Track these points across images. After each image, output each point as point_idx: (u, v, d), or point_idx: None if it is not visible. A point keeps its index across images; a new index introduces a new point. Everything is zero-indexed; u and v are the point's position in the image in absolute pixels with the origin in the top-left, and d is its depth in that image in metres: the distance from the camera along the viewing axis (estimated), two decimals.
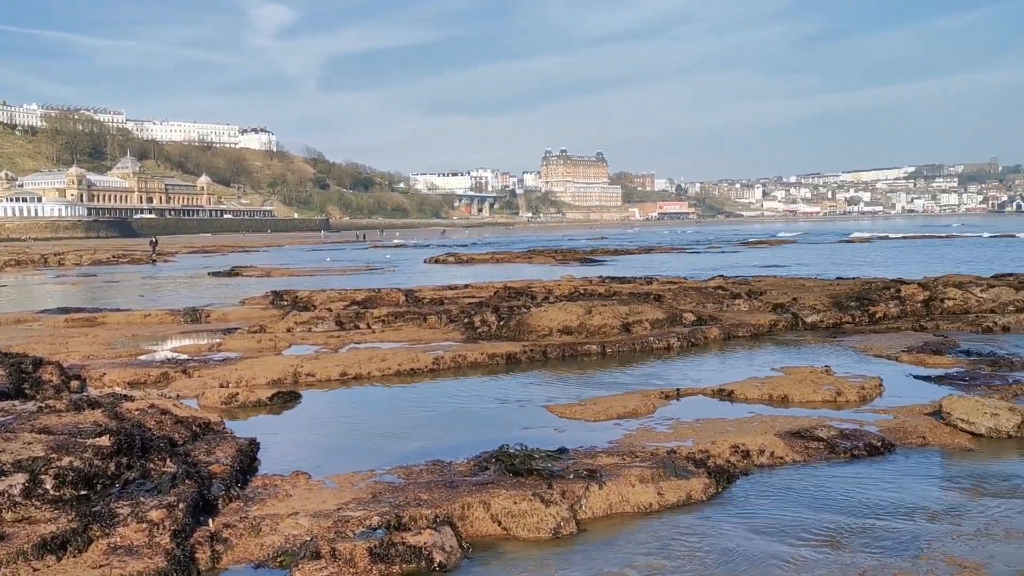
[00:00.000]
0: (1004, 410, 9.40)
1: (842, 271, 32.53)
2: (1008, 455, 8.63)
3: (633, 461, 7.69)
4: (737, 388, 11.47)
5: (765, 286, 22.38)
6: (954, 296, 19.37)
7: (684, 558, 6.02)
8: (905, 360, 14.01)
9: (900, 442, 8.98)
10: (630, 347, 15.29)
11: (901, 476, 7.95)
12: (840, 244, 69.84)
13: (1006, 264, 35.15)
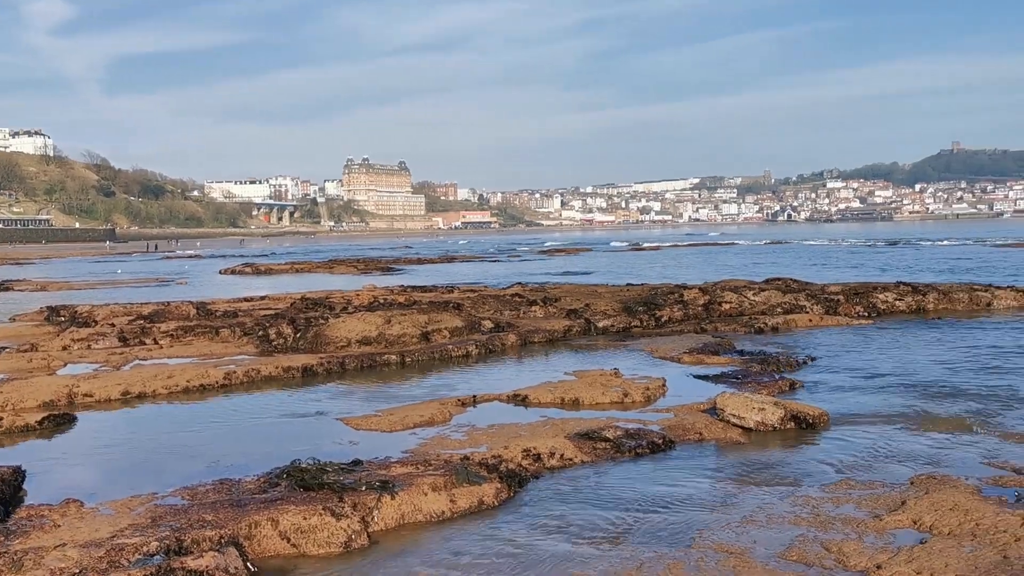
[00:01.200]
0: (770, 405, 10.19)
1: (632, 278, 34.14)
2: (773, 446, 9.36)
3: (427, 470, 7.73)
4: (531, 393, 11.78)
5: (560, 293, 23.13)
6: (730, 300, 20.81)
7: (474, 564, 6.12)
8: (687, 361, 14.89)
9: (680, 439, 9.53)
10: (429, 356, 15.37)
11: (679, 471, 8.44)
12: (632, 252, 73.28)
13: (780, 269, 38.07)
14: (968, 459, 8.59)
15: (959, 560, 5.76)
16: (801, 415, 10.10)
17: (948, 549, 5.96)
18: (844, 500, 7.22)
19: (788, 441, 9.55)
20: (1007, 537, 6.13)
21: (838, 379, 13.11)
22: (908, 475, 7.95)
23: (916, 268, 40.15)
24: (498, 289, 25.94)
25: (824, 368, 14.07)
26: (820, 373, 13.63)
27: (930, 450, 8.99)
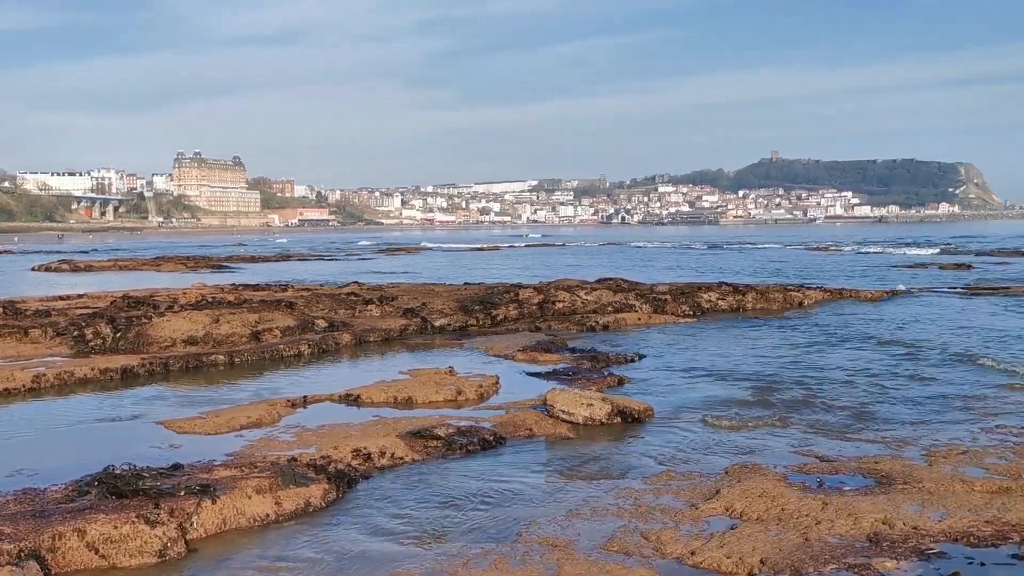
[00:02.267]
0: (598, 400, 10.48)
1: (470, 277, 34.35)
2: (600, 440, 9.63)
3: (252, 472, 7.48)
4: (364, 392, 11.63)
5: (398, 291, 22.98)
6: (564, 299, 21.28)
7: (296, 567, 5.97)
8: (521, 359, 15.11)
9: (510, 435, 9.66)
10: (259, 356, 14.92)
11: (509, 467, 8.55)
12: (471, 251, 73.74)
13: (613, 269, 39.22)
14: (779, 449, 9.13)
15: (765, 543, 6.11)
16: (627, 410, 10.45)
17: (756, 533, 6.31)
18: (664, 491, 7.51)
19: (615, 435, 9.85)
20: (808, 520, 6.54)
21: (664, 375, 13.64)
22: (724, 465, 8.36)
23: (738, 270, 42.36)
24: (334, 287, 25.49)
25: (651, 364, 14.61)
26: (647, 369, 14.14)
27: (746, 441, 9.49)
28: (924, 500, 6.99)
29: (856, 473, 7.95)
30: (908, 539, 6.16)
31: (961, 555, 5.93)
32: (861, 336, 17.63)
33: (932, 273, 37.02)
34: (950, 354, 15.10)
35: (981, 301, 24.45)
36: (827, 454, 8.76)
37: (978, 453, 8.44)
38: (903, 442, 9.17)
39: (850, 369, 13.86)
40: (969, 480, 7.53)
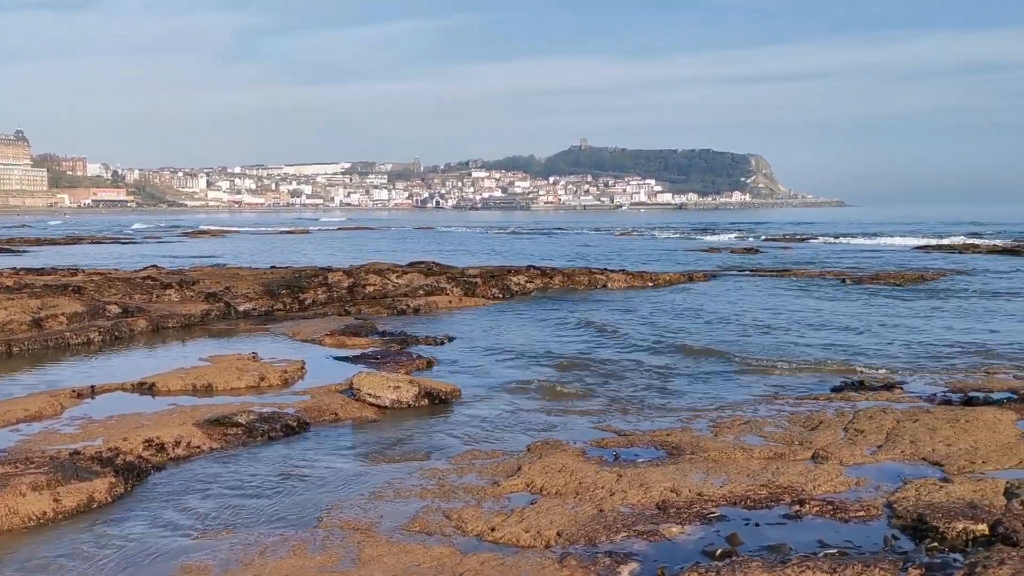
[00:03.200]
0: (405, 383, 10.46)
1: (278, 260, 33.39)
2: (407, 422, 9.62)
3: (28, 468, 6.94)
4: (160, 380, 11.06)
5: (199, 275, 21.99)
6: (374, 282, 21.09)
7: (73, 567, 5.60)
8: (328, 343, 14.85)
9: (315, 420, 9.48)
10: (42, 344, 13.88)
11: (313, 452, 8.39)
12: (282, 235, 71.69)
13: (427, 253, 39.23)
14: (579, 424, 9.44)
15: (562, 516, 6.31)
16: (435, 391, 10.49)
17: (554, 507, 6.50)
18: (468, 470, 7.60)
19: (422, 417, 9.86)
20: (604, 492, 6.81)
21: (472, 356, 13.81)
22: (527, 443, 8.55)
23: (548, 254, 43.46)
24: (129, 272, 24.06)
25: (460, 346, 14.75)
26: (456, 351, 14.26)
27: (550, 418, 9.76)
28: (709, 468, 7.43)
29: (649, 446, 8.35)
30: (693, 505, 6.53)
31: (739, 517, 6.35)
32: (659, 315, 18.52)
33: (724, 257, 39.40)
34: (740, 330, 16.13)
35: (767, 282, 26.27)
36: (624, 428, 9.15)
37: (758, 423, 9.06)
38: (693, 415, 9.71)
39: (649, 347, 14.53)
40: (749, 448, 8.07)
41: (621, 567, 5.40)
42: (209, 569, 5.48)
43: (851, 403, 10.00)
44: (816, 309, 19.63)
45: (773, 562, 5.29)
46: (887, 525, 6.17)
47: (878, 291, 23.41)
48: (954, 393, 10.56)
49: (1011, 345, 14.24)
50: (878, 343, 14.68)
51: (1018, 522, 5.89)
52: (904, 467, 7.49)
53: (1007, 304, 20.13)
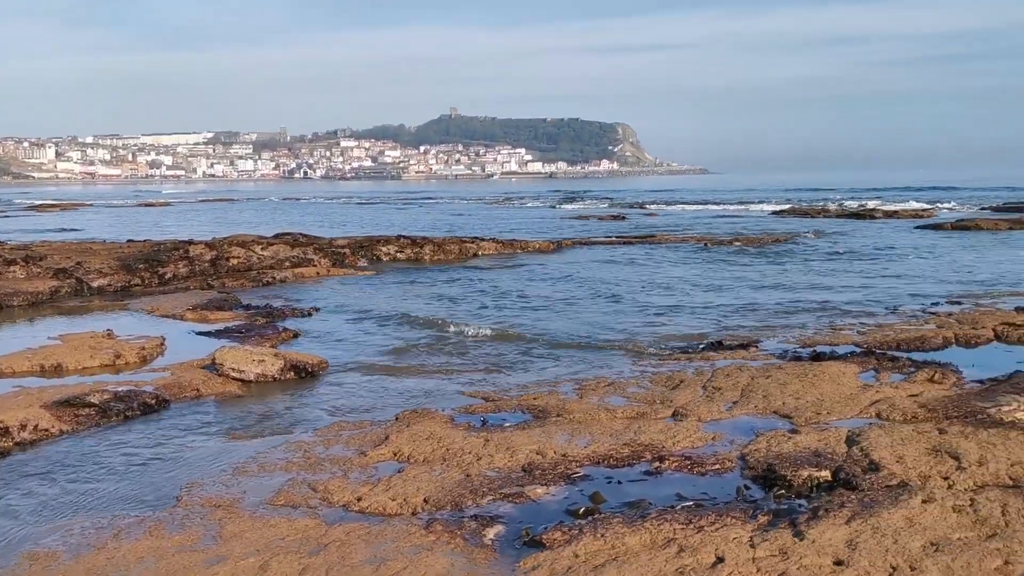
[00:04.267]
0: (270, 356, 10.23)
1: (135, 234, 31.95)
2: (273, 396, 9.42)
3: None
4: (3, 362, 10.45)
5: (47, 250, 20.80)
6: (238, 255, 20.47)
7: None
8: (190, 318, 14.35)
9: (176, 397, 9.16)
10: None
11: (172, 430, 8.11)
12: (139, 207, 68.61)
13: (295, 225, 38.32)
14: (448, 392, 9.47)
15: (429, 483, 6.33)
16: (301, 364, 10.30)
17: (421, 474, 6.51)
18: (335, 441, 7.51)
19: (288, 390, 9.68)
20: (471, 458, 6.86)
21: (340, 327, 13.62)
22: (396, 412, 8.51)
23: (420, 224, 43.17)
24: None
25: (328, 318, 14.52)
26: (324, 323, 14.04)
27: (418, 386, 9.75)
28: (573, 429, 7.60)
29: (517, 410, 8.46)
30: (558, 466, 6.66)
31: (602, 476, 6.53)
32: (529, 282, 18.73)
33: (593, 224, 40.14)
34: (606, 294, 16.50)
35: (633, 248, 26.93)
36: (492, 394, 9.23)
37: (621, 384, 9.31)
38: (560, 378, 9.89)
39: (518, 313, 14.69)
40: (612, 409, 8.29)
41: (487, 530, 5.46)
42: (58, 556, 5.23)
43: (710, 362, 10.40)
44: (680, 273, 20.26)
45: (633, 517, 5.46)
46: (740, 476, 6.46)
47: (737, 254, 24.37)
48: (803, 349, 11.12)
49: (855, 302, 15.09)
50: (737, 304, 15.28)
51: (858, 467, 6.28)
52: (757, 421, 7.85)
53: (854, 264, 21.30)
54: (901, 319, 13.24)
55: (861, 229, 33.57)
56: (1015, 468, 6.07)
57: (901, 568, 4.59)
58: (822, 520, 5.22)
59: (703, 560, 4.84)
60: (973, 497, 5.51)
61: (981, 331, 11.75)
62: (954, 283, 17.47)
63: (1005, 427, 7.05)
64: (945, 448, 6.51)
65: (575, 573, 4.75)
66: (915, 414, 7.68)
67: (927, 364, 9.69)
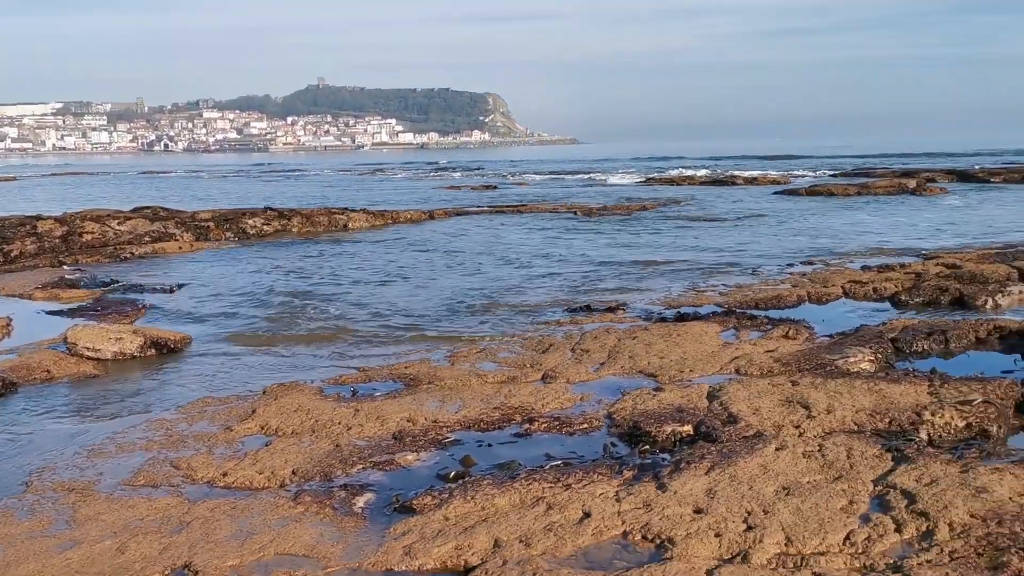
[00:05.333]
0: (128, 333, 9.80)
1: None
2: (132, 375, 9.04)
3: None
4: None
5: None
6: (93, 230, 19.49)
7: None
8: (40, 297, 13.59)
9: (24, 380, 8.66)
10: None
11: (21, 414, 7.69)
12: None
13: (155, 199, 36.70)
14: (317, 363, 9.32)
15: (298, 455, 6.22)
16: (162, 340, 9.92)
17: (289, 447, 6.39)
18: (199, 418, 7.28)
19: (149, 368, 9.31)
20: (340, 428, 6.78)
21: (205, 303, 13.17)
22: (263, 386, 8.31)
23: (289, 196, 42.12)
24: None
25: (191, 293, 14.02)
26: (186, 298, 13.54)
27: (286, 359, 9.55)
28: (444, 396, 7.61)
29: (388, 379, 8.40)
30: (428, 432, 6.66)
31: (473, 440, 6.57)
32: (400, 252, 18.58)
33: (465, 194, 40.12)
34: (475, 264, 16.53)
35: (505, 218, 27.07)
36: (362, 364, 9.13)
37: (493, 350, 9.38)
38: (431, 347, 9.87)
39: (386, 283, 14.56)
40: (483, 374, 8.34)
41: (356, 498, 5.41)
42: None
43: (579, 326, 10.59)
44: (550, 240, 20.51)
45: (503, 479, 5.52)
46: (607, 434, 6.62)
47: (606, 222, 24.84)
48: (669, 310, 11.46)
49: (719, 265, 15.64)
50: (606, 269, 15.59)
51: (717, 421, 6.53)
52: (623, 381, 8.05)
53: (717, 229, 22.06)
54: (760, 280, 13.81)
55: (724, 195, 34.77)
56: (859, 415, 6.45)
57: (755, 512, 4.81)
58: (683, 472, 5.42)
59: (571, 516, 4.94)
60: (822, 443, 5.83)
61: (831, 289, 12.38)
62: (808, 245, 18.34)
63: (851, 377, 7.47)
64: (797, 399, 6.85)
65: (445, 536, 4.78)
66: (771, 368, 8.05)
67: (782, 321, 10.15)
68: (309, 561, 4.62)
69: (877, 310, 11.28)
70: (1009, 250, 15.44)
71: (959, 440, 6.09)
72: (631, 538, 4.70)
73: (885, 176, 41.16)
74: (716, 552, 4.46)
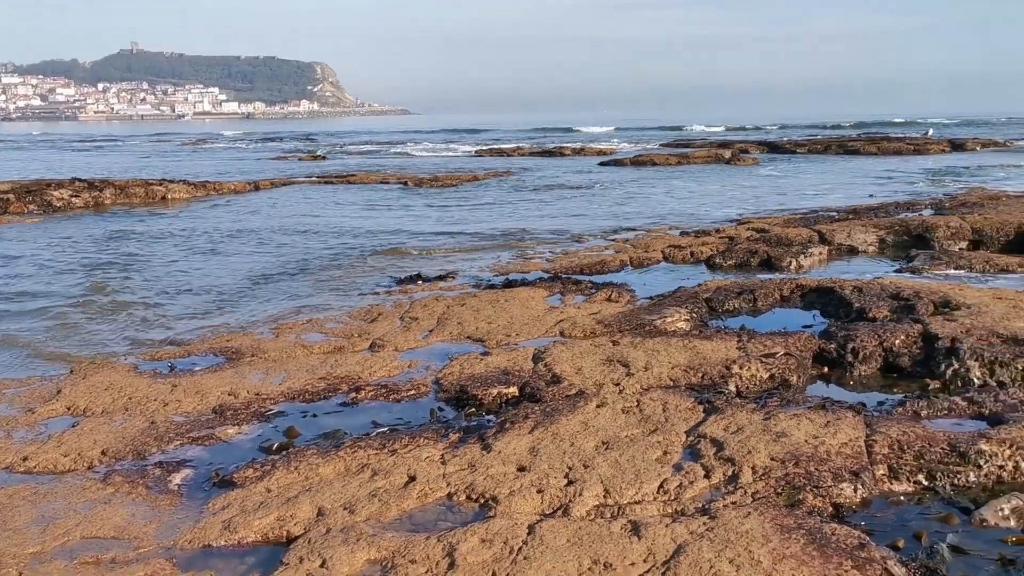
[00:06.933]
0: None
1: None
2: None
3: None
4: None
5: None
6: None
7: None
8: None
9: None
10: None
11: None
12: None
13: None
14: (131, 338, 8.88)
15: (108, 434, 5.89)
16: None
17: (99, 427, 6.04)
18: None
19: None
20: (156, 405, 6.48)
21: (2, 280, 12.23)
22: (69, 365, 7.82)
23: (102, 168, 39.62)
24: None
25: None
26: None
27: (94, 336, 9.04)
28: (268, 368, 7.40)
29: (208, 353, 8.08)
30: (251, 405, 6.47)
31: (298, 411, 6.43)
32: (222, 224, 17.88)
33: (293, 164, 39.02)
34: (301, 234, 16.13)
35: (334, 188, 26.53)
36: (182, 338, 8.75)
37: (319, 321, 9.19)
38: (256, 319, 9.57)
39: (207, 255, 13.99)
40: (309, 345, 8.16)
41: (173, 475, 5.19)
42: None
43: (409, 295, 10.54)
44: (380, 211, 20.28)
45: (328, 448, 5.44)
46: (435, 399, 6.64)
47: (437, 192, 24.81)
48: (497, 277, 11.59)
49: (547, 232, 15.94)
50: (436, 240, 15.58)
51: (542, 381, 6.67)
52: (452, 347, 8.08)
53: (545, 196, 22.45)
54: (585, 246, 14.17)
55: (553, 166, 35.43)
56: (675, 371, 6.75)
57: (576, 468, 4.95)
58: (508, 432, 5.51)
59: (396, 481, 4.93)
60: (640, 399, 6.07)
61: (652, 254, 12.88)
62: (632, 212, 18.97)
63: (668, 336, 7.81)
64: (617, 358, 7.09)
65: (267, 508, 4.66)
66: (593, 330, 8.29)
67: (606, 285, 10.47)
68: (119, 543, 4.39)
69: (694, 273, 11.83)
70: (811, 215, 16.55)
71: (764, 390, 6.49)
72: (456, 499, 4.74)
73: (704, 147, 43.12)
74: (538, 507, 4.57)
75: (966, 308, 7.97)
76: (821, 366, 7.28)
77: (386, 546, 4.17)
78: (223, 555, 4.32)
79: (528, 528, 4.27)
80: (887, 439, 5.13)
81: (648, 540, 4.08)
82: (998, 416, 5.46)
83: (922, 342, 7.22)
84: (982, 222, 13.41)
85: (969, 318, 7.62)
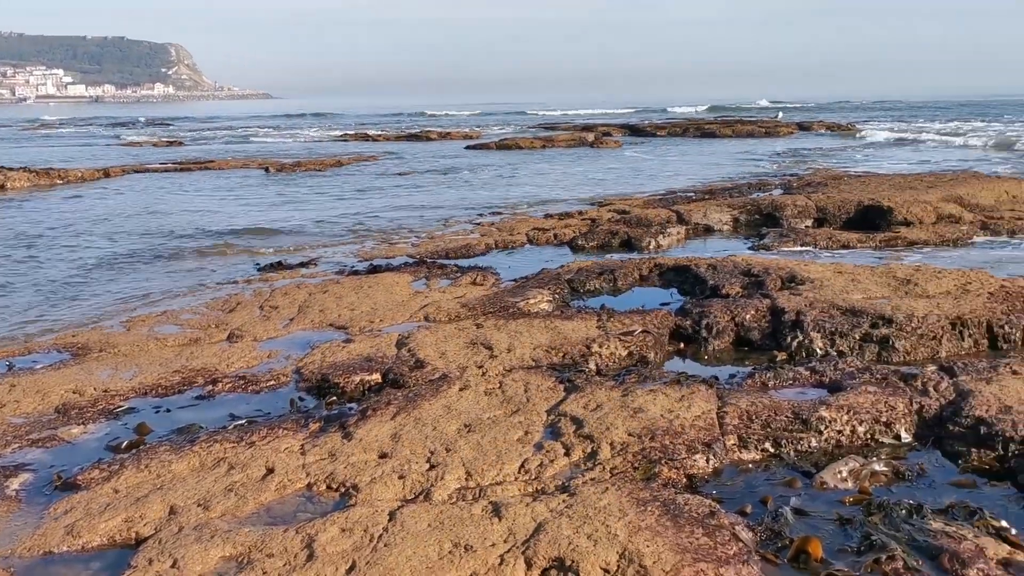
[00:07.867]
0: None
1: None
2: None
3: None
4: None
5: None
6: None
7: None
8: None
9: None
10: None
11: None
12: None
13: None
14: None
15: None
16: None
17: None
18: None
19: None
20: None
21: None
22: None
23: None
24: None
25: None
26: None
27: None
28: (118, 363, 7.06)
29: (52, 349, 7.65)
30: (98, 403, 6.16)
31: (150, 407, 6.16)
32: (73, 214, 16.95)
33: (147, 151, 37.37)
34: (149, 219, 15.48)
35: (191, 175, 25.55)
36: (22, 335, 8.26)
37: (175, 312, 8.84)
38: (104, 313, 9.13)
39: (51, 246, 13.24)
40: (163, 337, 7.84)
41: (10, 480, 4.88)
42: None
43: (269, 283, 10.27)
44: (238, 197, 19.67)
45: (181, 443, 5.24)
46: (295, 389, 6.49)
47: (300, 178, 24.25)
48: (362, 263, 11.44)
49: (414, 217, 15.83)
50: (296, 227, 15.23)
51: (405, 367, 6.62)
52: (313, 335, 7.92)
53: (412, 181, 22.28)
54: (451, 230, 14.15)
55: (419, 150, 35.21)
56: (537, 351, 6.83)
57: (438, 452, 4.94)
58: (370, 419, 5.44)
59: (253, 474, 4.80)
60: (502, 380, 6.10)
61: (517, 237, 12.98)
62: (497, 195, 19.06)
63: (530, 317, 7.89)
64: (481, 340, 7.12)
65: (115, 509, 4.44)
66: (458, 313, 8.29)
67: (471, 269, 10.49)
68: None
69: (557, 255, 11.99)
70: (670, 196, 17.05)
71: (623, 367, 6.64)
72: (315, 489, 4.65)
73: (568, 130, 43.74)
74: (400, 493, 4.53)
75: (810, 283, 8.38)
76: (678, 342, 7.51)
77: (242, 541, 4.05)
78: (66, 561, 4.10)
79: (389, 515, 4.23)
80: (737, 410, 5.34)
81: (508, 520, 4.12)
82: (837, 384, 5.77)
83: (770, 316, 7.55)
84: (825, 201, 14.12)
85: (812, 292, 8.02)
